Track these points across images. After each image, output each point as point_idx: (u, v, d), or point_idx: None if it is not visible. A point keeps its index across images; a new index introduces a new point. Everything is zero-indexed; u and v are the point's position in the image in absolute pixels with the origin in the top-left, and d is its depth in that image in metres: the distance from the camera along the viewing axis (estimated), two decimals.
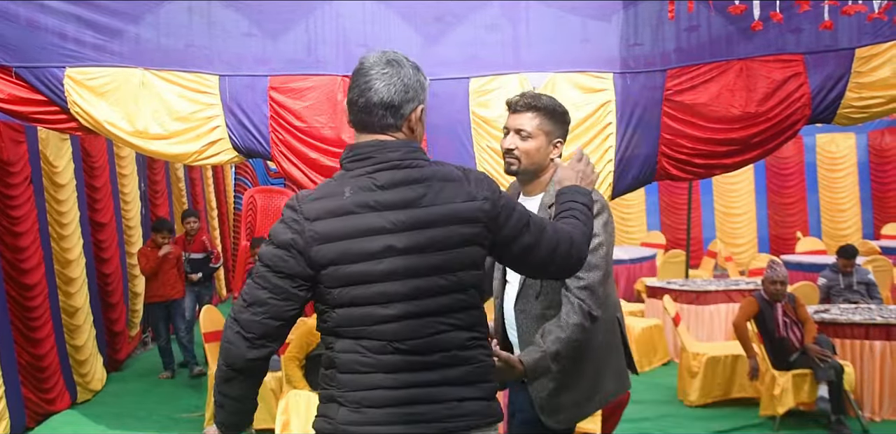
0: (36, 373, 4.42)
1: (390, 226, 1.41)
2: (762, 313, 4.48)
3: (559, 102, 2.05)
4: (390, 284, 1.41)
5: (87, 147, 5.24)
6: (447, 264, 1.43)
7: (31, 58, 3.49)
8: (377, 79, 1.48)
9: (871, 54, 3.33)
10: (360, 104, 1.48)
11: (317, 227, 1.41)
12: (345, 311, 1.43)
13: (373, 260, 1.41)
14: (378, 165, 1.44)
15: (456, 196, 1.44)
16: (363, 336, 1.43)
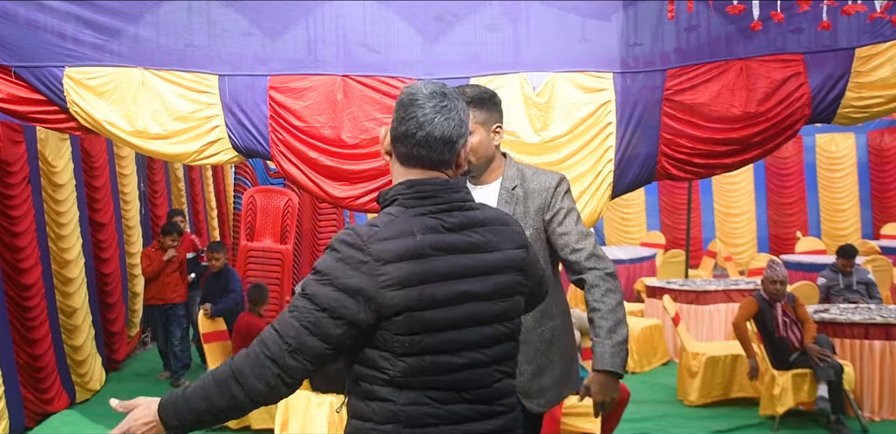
0: (33, 373, 4.41)
1: (461, 271, 1.35)
2: (762, 313, 4.48)
3: (483, 88, 2.03)
4: (461, 332, 1.36)
5: (86, 147, 5.24)
6: (508, 311, 1.41)
7: (30, 57, 3.48)
8: (437, 112, 1.38)
9: (871, 54, 3.33)
10: (419, 137, 1.37)
11: (391, 271, 1.30)
12: (414, 360, 1.33)
13: (449, 307, 1.34)
14: (443, 206, 1.38)
15: (509, 242, 1.43)
16: (431, 386, 1.35)
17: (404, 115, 1.38)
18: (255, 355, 1.32)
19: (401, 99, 1.40)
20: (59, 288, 4.81)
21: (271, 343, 1.32)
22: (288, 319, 1.32)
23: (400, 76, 3.62)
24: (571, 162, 3.54)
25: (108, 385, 5.29)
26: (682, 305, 5.90)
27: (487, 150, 2.00)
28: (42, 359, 4.45)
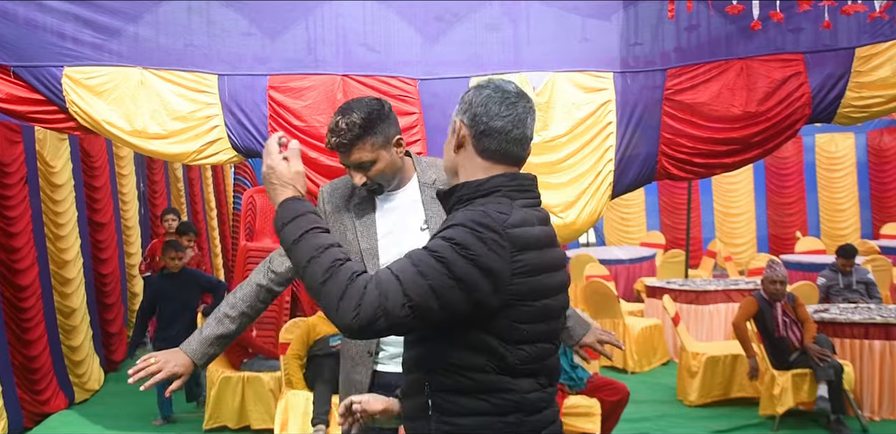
0: (28, 374, 4.41)
1: (557, 262, 1.41)
2: (762, 313, 4.48)
3: (369, 103, 1.86)
4: (557, 320, 1.42)
5: (86, 147, 5.24)
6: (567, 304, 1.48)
7: (29, 57, 3.48)
8: (528, 113, 1.41)
9: (871, 54, 3.33)
10: (515, 135, 1.40)
11: (524, 259, 1.31)
12: (531, 347, 1.35)
13: (554, 296, 1.39)
14: (537, 200, 1.42)
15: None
16: (541, 373, 1.39)
17: (499, 112, 1.39)
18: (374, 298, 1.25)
19: (487, 94, 1.40)
20: (57, 288, 4.80)
21: (392, 294, 1.25)
22: (415, 276, 1.27)
23: (400, 76, 3.62)
24: (572, 162, 3.54)
25: (106, 385, 5.29)
26: (682, 305, 5.90)
27: (396, 164, 1.91)
28: (37, 360, 4.44)
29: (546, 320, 1.38)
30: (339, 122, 1.85)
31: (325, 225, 1.38)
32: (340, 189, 1.96)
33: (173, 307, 4.41)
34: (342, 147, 1.86)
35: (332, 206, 1.92)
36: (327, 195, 1.96)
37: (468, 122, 1.42)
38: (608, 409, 3.74)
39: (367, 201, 1.92)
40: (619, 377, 4.82)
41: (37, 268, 4.49)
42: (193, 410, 4.66)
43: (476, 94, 1.42)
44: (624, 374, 5.57)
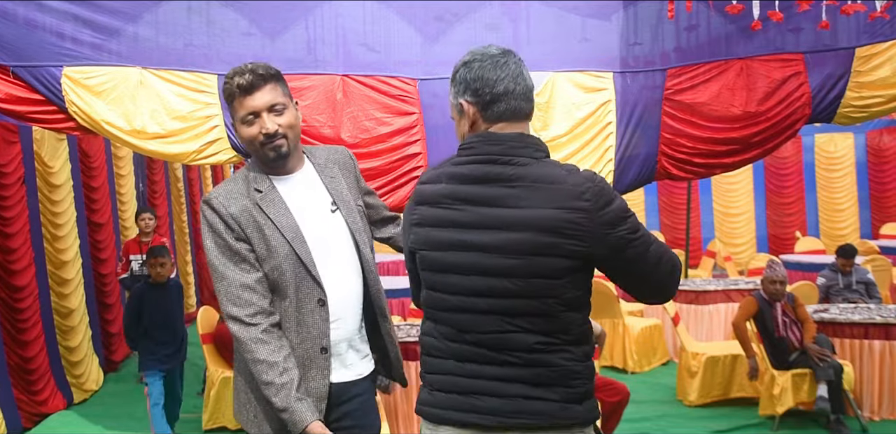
0: (24, 374, 4.40)
1: (467, 221, 1.43)
2: (761, 313, 4.48)
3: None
4: (457, 277, 1.45)
5: (84, 147, 5.23)
6: (517, 269, 1.40)
7: (28, 57, 3.47)
8: (520, 66, 1.47)
9: (871, 54, 3.33)
10: (519, 91, 1.45)
11: (419, 211, 1.51)
12: (427, 293, 1.52)
13: (449, 251, 1.45)
14: (477, 157, 1.44)
15: (546, 201, 1.38)
16: (438, 320, 1.50)
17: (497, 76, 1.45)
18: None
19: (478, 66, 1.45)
20: (55, 289, 4.80)
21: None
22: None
23: (400, 76, 3.62)
24: (571, 162, 3.54)
25: (105, 386, 5.28)
26: (682, 305, 5.90)
27: (299, 129, 1.82)
28: (34, 360, 4.44)
29: (442, 272, 1.47)
30: (247, 65, 1.75)
31: None
32: (233, 193, 1.77)
33: (157, 319, 4.00)
34: (254, 84, 1.71)
35: (236, 209, 1.74)
36: (222, 202, 1.74)
37: (472, 99, 1.46)
38: (609, 410, 3.74)
39: (271, 192, 1.78)
40: (619, 377, 4.82)
41: (34, 268, 4.48)
42: (193, 411, 4.65)
43: (467, 71, 1.47)
44: (624, 374, 5.57)
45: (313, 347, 1.75)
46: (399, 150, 3.61)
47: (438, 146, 3.63)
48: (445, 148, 3.63)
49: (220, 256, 1.73)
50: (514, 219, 1.39)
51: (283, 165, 1.79)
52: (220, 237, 1.73)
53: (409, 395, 4.23)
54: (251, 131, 1.74)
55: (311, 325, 1.75)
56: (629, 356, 5.67)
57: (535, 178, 1.40)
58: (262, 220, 1.74)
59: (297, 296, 1.74)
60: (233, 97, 1.75)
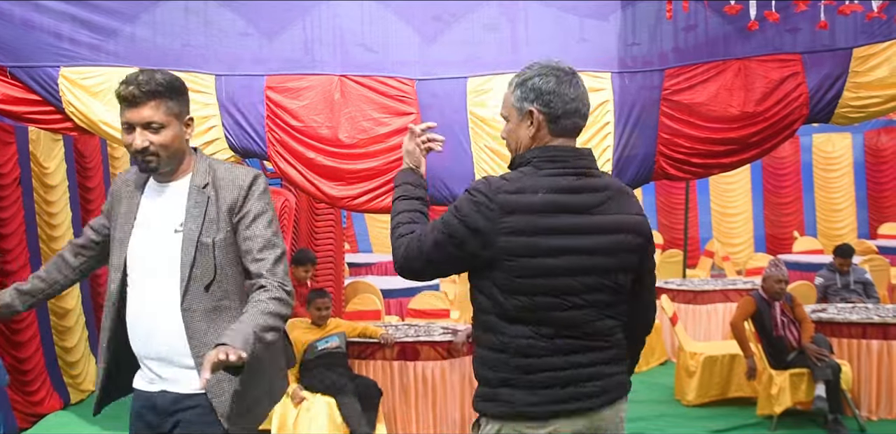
0: (19, 375, 4.40)
1: (567, 228, 1.61)
2: (760, 313, 4.48)
3: (172, 75, 1.88)
4: (561, 279, 1.61)
5: (80, 148, 5.22)
6: (610, 267, 1.64)
7: (25, 57, 3.46)
8: (584, 87, 1.69)
9: (869, 54, 3.33)
10: (584, 111, 1.67)
11: (510, 221, 1.59)
12: (525, 298, 1.60)
13: (552, 257, 1.60)
14: (566, 170, 1.64)
15: (627, 207, 1.68)
16: (539, 322, 1.61)
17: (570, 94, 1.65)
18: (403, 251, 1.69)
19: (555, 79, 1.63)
20: None
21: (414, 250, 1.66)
22: (430, 233, 1.65)
23: (398, 76, 3.61)
24: None
25: None
26: (680, 305, 5.91)
27: (181, 145, 1.86)
28: (29, 361, 4.43)
29: (546, 276, 1.60)
30: (140, 75, 1.79)
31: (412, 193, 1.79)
32: (131, 179, 1.94)
33: None
34: (136, 98, 1.75)
35: (116, 193, 1.97)
36: (119, 181, 1.98)
37: (543, 108, 1.64)
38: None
39: (135, 192, 1.91)
40: None
41: (29, 269, 4.47)
42: None
43: (543, 81, 1.63)
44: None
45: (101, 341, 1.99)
46: (397, 150, 3.60)
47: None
48: (443, 148, 3.61)
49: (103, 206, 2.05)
50: (611, 223, 1.64)
51: (167, 173, 1.88)
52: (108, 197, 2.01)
53: (408, 396, 4.22)
54: (126, 139, 1.84)
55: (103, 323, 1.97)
56: None
57: (616, 189, 1.68)
58: (119, 212, 1.93)
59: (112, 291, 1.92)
60: (118, 101, 1.83)
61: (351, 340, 4.29)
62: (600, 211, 1.62)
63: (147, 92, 1.76)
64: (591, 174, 1.65)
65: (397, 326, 4.71)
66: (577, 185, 1.62)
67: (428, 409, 4.20)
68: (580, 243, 1.60)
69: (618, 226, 1.64)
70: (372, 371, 4.25)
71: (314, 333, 4.20)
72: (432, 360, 4.21)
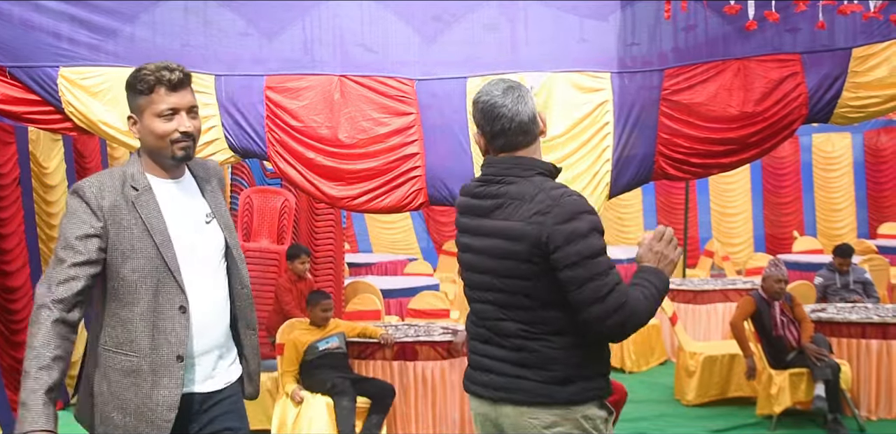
0: (17, 376, 4.39)
1: (470, 229, 1.81)
2: (759, 312, 4.49)
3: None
4: (474, 275, 1.81)
5: (79, 148, 5.22)
6: (500, 269, 1.74)
7: (24, 57, 3.46)
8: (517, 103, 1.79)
9: (868, 54, 3.33)
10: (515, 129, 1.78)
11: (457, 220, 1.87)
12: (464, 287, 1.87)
13: (465, 253, 1.84)
14: (484, 177, 1.81)
15: (514, 215, 1.71)
16: (472, 309, 1.84)
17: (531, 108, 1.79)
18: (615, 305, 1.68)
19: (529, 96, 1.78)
20: None
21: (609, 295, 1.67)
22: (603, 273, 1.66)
23: (397, 76, 3.61)
24: (569, 162, 3.54)
25: None
26: (680, 305, 5.91)
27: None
28: None
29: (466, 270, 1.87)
30: (170, 63, 1.76)
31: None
32: (106, 186, 1.74)
33: None
34: (182, 82, 1.75)
35: (108, 203, 1.71)
36: (96, 192, 1.72)
37: (480, 132, 1.81)
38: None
39: (147, 192, 1.77)
40: (616, 377, 4.82)
41: (28, 269, 4.47)
42: None
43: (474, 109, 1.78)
44: (622, 373, 5.57)
45: (168, 355, 1.73)
46: (396, 150, 3.60)
47: (436, 146, 3.63)
48: (443, 148, 3.62)
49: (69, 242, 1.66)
50: (495, 228, 1.74)
51: (175, 167, 1.82)
52: (80, 224, 1.67)
53: (407, 395, 4.23)
54: (167, 127, 1.74)
55: (168, 332, 1.73)
56: (627, 356, 5.68)
57: (513, 195, 1.73)
58: (132, 220, 1.72)
59: (157, 301, 1.72)
60: (151, 89, 1.74)
61: (351, 340, 4.29)
62: (493, 216, 1.75)
63: (188, 75, 1.78)
64: (495, 181, 1.76)
65: (397, 326, 4.71)
66: (479, 191, 1.79)
67: (427, 409, 4.21)
68: (474, 243, 1.79)
69: (499, 231, 1.73)
70: (372, 371, 4.26)
71: (314, 334, 4.20)
72: (432, 360, 4.21)
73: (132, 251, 1.71)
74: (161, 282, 1.73)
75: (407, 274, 7.61)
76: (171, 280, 1.73)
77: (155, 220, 1.74)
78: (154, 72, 1.74)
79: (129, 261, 1.71)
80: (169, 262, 1.73)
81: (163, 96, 1.74)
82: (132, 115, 1.79)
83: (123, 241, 1.71)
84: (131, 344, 1.72)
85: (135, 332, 1.72)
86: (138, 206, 1.74)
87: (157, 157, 1.80)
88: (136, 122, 1.79)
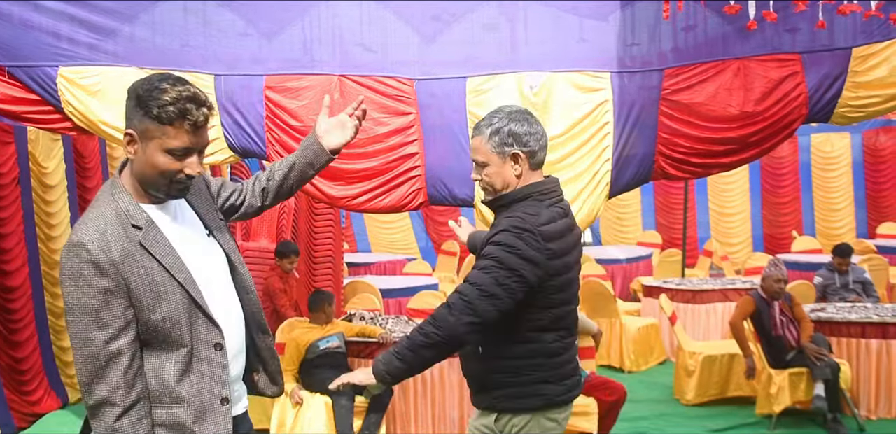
0: (16, 375, 4.40)
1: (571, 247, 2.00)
2: (759, 312, 4.49)
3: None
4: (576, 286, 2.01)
5: (79, 148, 5.21)
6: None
7: (24, 57, 3.46)
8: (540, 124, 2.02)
9: (868, 54, 3.33)
10: (545, 143, 2.01)
11: (552, 247, 1.90)
12: (558, 310, 1.95)
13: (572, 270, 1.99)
14: (559, 198, 2.00)
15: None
16: (563, 328, 1.97)
17: (535, 132, 1.95)
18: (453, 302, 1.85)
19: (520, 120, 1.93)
20: (49, 289, 4.78)
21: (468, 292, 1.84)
22: (480, 274, 1.84)
23: (397, 76, 3.61)
24: (569, 162, 3.54)
25: None
26: (679, 305, 5.91)
27: None
28: (26, 361, 4.44)
29: (570, 287, 1.96)
30: (195, 92, 1.53)
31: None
32: (108, 234, 1.52)
33: None
34: (206, 120, 1.56)
35: (117, 254, 1.50)
36: (100, 246, 1.49)
37: (524, 149, 1.93)
38: (605, 409, 3.74)
39: (151, 228, 1.56)
40: (616, 376, 4.83)
41: (27, 269, 4.47)
42: None
43: (516, 126, 1.92)
44: (621, 373, 5.57)
45: (212, 399, 1.57)
46: (396, 150, 3.60)
47: (435, 146, 3.63)
48: (442, 148, 3.62)
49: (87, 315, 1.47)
50: (578, 237, 2.02)
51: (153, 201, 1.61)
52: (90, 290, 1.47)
53: (407, 395, 4.23)
54: (173, 166, 1.54)
55: (207, 375, 1.57)
56: (626, 355, 5.68)
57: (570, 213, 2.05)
58: (148, 264, 1.52)
59: (192, 343, 1.56)
60: (170, 121, 1.51)
61: (350, 340, 4.29)
62: (574, 231, 2.01)
63: (211, 109, 1.58)
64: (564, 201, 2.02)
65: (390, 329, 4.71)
66: (563, 212, 1.97)
67: (427, 409, 4.21)
68: (573, 258, 1.98)
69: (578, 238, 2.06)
70: None
71: (315, 333, 4.20)
72: None
73: (157, 299, 1.52)
74: (194, 322, 1.56)
75: (406, 274, 7.61)
76: (202, 318, 1.57)
77: (170, 257, 1.55)
78: (178, 102, 1.50)
79: (157, 310, 1.52)
80: (198, 299, 1.57)
81: (181, 133, 1.52)
82: (132, 134, 1.54)
83: (146, 290, 1.52)
84: (171, 395, 1.53)
85: (172, 381, 1.54)
86: (149, 247, 1.53)
87: (146, 186, 1.59)
88: (135, 143, 1.55)
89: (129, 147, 1.57)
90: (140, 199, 1.60)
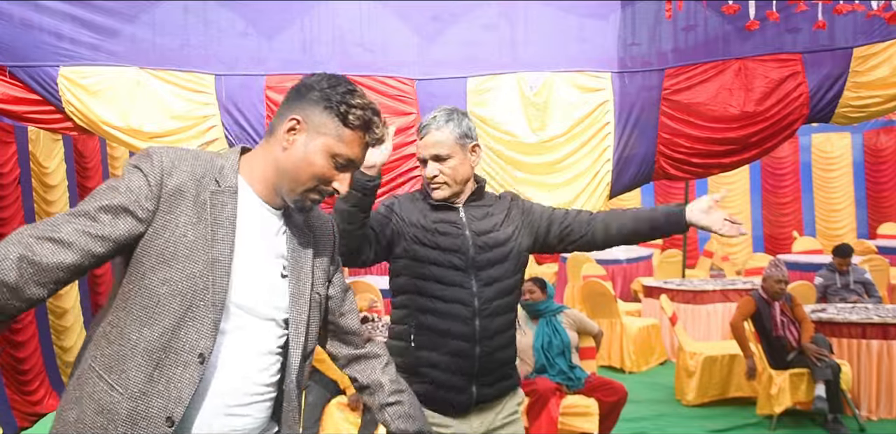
0: (17, 375, 4.39)
1: None
2: (759, 313, 4.48)
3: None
4: None
5: (79, 148, 5.21)
6: None
7: (25, 57, 3.46)
8: None
9: (869, 54, 3.33)
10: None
11: None
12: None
13: None
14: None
15: None
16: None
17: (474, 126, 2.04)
18: None
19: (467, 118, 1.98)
20: None
21: None
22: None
23: (396, 76, 3.61)
24: (569, 162, 3.54)
25: None
26: (680, 305, 5.91)
27: None
28: (27, 361, 4.44)
29: None
30: (383, 116, 1.39)
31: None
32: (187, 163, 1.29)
33: None
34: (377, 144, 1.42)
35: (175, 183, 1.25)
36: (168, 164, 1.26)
37: (478, 141, 1.99)
38: (606, 409, 3.74)
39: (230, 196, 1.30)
40: (616, 377, 4.82)
41: None
42: None
43: (467, 121, 1.97)
44: (622, 373, 5.57)
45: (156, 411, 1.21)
46: (397, 150, 3.60)
47: None
48: None
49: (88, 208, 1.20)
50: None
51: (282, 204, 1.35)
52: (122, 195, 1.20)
53: None
54: (329, 172, 1.32)
55: (170, 380, 1.22)
56: (627, 356, 5.67)
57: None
58: (193, 217, 1.25)
59: (176, 333, 1.23)
60: (354, 127, 1.32)
61: None
62: None
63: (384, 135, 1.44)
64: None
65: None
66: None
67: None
68: None
69: None
70: None
71: None
72: None
73: (174, 257, 1.22)
74: (192, 310, 1.23)
75: None
76: (205, 313, 1.23)
77: (223, 230, 1.26)
78: (366, 110, 1.33)
79: (164, 267, 1.22)
80: (215, 289, 1.24)
81: (355, 143, 1.33)
82: (301, 120, 1.31)
83: (169, 239, 1.23)
84: (121, 374, 1.22)
85: (132, 361, 1.22)
86: (211, 204, 1.26)
87: (282, 181, 1.32)
88: (301, 132, 1.32)
89: (289, 134, 1.31)
90: (258, 193, 1.33)
